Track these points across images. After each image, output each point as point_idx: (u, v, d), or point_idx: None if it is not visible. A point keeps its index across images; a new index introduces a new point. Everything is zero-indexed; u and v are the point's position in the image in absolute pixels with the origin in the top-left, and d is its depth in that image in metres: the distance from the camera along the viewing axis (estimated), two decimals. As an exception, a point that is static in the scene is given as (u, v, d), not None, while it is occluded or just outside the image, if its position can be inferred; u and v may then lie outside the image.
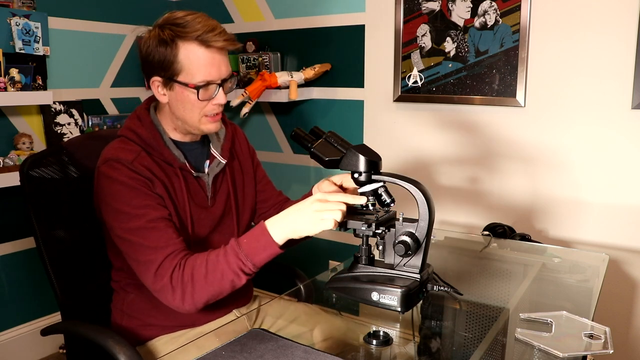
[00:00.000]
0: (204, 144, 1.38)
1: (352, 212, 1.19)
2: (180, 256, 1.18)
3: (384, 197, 1.16)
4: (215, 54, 1.21)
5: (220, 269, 1.14)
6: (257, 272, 1.19)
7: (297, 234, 1.13)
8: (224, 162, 1.37)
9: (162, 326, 1.33)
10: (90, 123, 2.60)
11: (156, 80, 1.24)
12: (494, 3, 2.06)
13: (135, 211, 1.19)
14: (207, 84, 1.22)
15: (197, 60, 1.20)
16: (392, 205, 1.16)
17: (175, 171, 1.29)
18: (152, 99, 1.35)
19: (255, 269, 1.15)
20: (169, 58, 1.20)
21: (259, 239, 1.13)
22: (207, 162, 1.36)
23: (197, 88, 1.21)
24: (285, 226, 1.13)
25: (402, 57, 2.30)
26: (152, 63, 1.22)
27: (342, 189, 1.32)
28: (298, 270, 1.61)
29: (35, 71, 2.27)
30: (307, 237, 1.17)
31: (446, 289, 1.21)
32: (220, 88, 1.25)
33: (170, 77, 1.22)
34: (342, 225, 1.12)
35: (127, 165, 1.21)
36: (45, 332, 1.35)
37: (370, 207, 1.16)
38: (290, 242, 1.17)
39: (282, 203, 1.53)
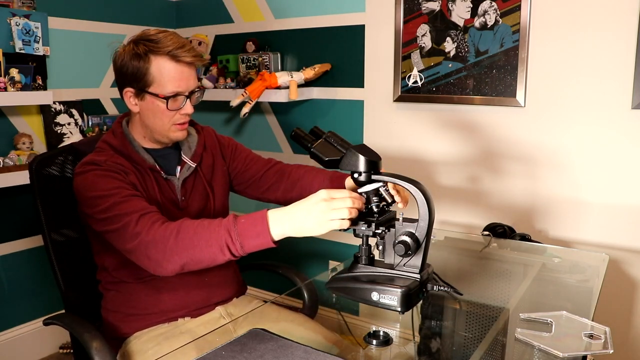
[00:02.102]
0: (175, 152, 1.46)
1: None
2: (158, 216, 1.21)
3: (385, 197, 1.16)
4: (184, 68, 1.32)
5: (207, 236, 1.12)
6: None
7: (300, 234, 1.09)
8: (193, 165, 1.45)
9: (142, 315, 1.38)
10: (90, 123, 2.60)
11: (129, 91, 1.35)
12: (494, 3, 2.06)
13: (108, 192, 1.24)
14: (176, 95, 1.32)
15: (168, 73, 1.31)
16: (392, 205, 1.16)
17: (146, 171, 1.37)
18: (125, 115, 1.46)
19: (243, 252, 1.12)
20: (142, 70, 1.31)
21: (256, 224, 1.10)
22: (178, 167, 1.44)
23: (167, 98, 1.32)
24: (287, 223, 1.09)
25: (402, 57, 2.30)
26: (125, 75, 1.34)
27: None
28: (298, 270, 1.61)
29: (35, 71, 2.27)
30: None
31: (446, 289, 1.21)
32: (188, 99, 1.35)
33: (142, 88, 1.33)
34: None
35: (100, 164, 1.30)
36: (47, 322, 1.39)
37: (375, 209, 1.15)
38: None
39: (276, 169, 1.57)
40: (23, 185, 2.08)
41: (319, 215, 1.06)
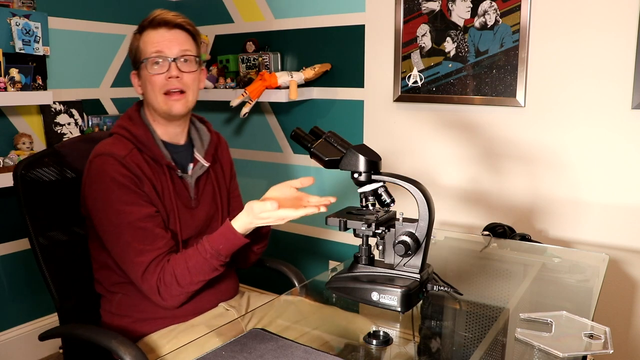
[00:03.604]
0: (188, 149, 1.46)
1: (352, 212, 1.19)
2: (165, 259, 1.29)
3: (384, 197, 1.16)
4: (163, 31, 1.34)
5: (202, 271, 1.28)
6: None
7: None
8: (207, 164, 1.45)
9: (153, 319, 1.37)
10: (90, 123, 2.60)
11: (133, 74, 1.40)
12: (494, 3, 2.06)
13: (123, 207, 1.26)
14: (157, 55, 1.32)
15: (149, 39, 1.34)
16: (392, 205, 1.16)
17: (163, 170, 1.37)
18: (141, 103, 1.45)
19: (229, 258, 1.31)
20: (134, 48, 1.37)
21: (232, 241, 1.28)
22: (191, 165, 1.44)
23: (146, 60, 1.33)
24: (246, 225, 1.27)
25: (402, 57, 2.30)
26: (130, 59, 1.40)
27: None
28: (298, 270, 1.61)
29: (35, 71, 2.27)
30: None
31: (446, 289, 1.21)
32: (173, 62, 1.33)
33: (136, 66, 1.37)
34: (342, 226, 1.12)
35: (119, 160, 1.29)
36: (43, 337, 1.35)
37: (370, 207, 1.17)
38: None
39: None
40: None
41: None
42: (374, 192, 1.16)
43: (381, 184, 1.15)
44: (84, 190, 1.33)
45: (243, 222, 1.27)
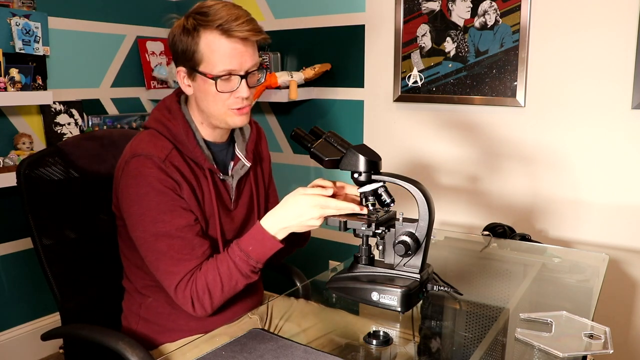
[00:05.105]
0: (229, 145, 1.35)
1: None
2: (198, 268, 1.21)
3: (384, 197, 1.16)
4: (237, 44, 1.18)
5: (234, 279, 1.19)
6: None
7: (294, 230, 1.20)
8: (248, 164, 1.34)
9: (182, 330, 1.30)
10: (90, 123, 2.60)
11: (181, 70, 1.23)
12: (494, 3, 2.06)
13: (161, 216, 1.18)
14: (228, 75, 1.19)
15: (218, 50, 1.17)
16: (392, 205, 1.16)
17: (204, 173, 1.27)
18: (179, 92, 1.32)
19: (263, 264, 1.22)
20: (191, 47, 1.18)
21: (264, 243, 1.18)
22: (232, 163, 1.34)
23: (215, 79, 1.18)
24: (285, 228, 1.19)
25: (402, 57, 2.30)
26: (176, 52, 1.22)
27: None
28: (297, 270, 1.61)
29: (35, 71, 2.27)
30: None
31: (446, 289, 1.21)
32: (244, 80, 1.20)
33: (192, 67, 1.20)
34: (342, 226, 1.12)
35: (157, 164, 1.19)
36: (46, 336, 1.33)
37: (371, 207, 1.17)
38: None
39: None
40: (23, 185, 2.07)
41: (309, 222, 1.17)
42: (374, 192, 1.16)
43: (381, 184, 1.15)
44: (118, 190, 1.24)
45: (274, 217, 1.18)
